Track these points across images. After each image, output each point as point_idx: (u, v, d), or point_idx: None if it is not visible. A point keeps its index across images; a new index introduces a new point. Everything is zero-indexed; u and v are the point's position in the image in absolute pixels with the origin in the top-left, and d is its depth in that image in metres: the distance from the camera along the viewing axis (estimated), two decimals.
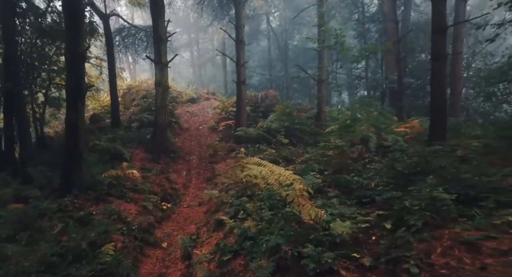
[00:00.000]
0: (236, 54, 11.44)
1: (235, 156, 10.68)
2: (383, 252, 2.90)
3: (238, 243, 4.26)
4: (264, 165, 3.74)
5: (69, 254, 4.26)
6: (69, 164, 6.49)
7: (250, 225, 4.58)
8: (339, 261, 2.92)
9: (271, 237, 3.42)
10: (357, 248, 3.19)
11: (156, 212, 7.24)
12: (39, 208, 5.80)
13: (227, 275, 3.73)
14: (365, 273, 2.72)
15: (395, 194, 4.29)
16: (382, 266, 2.73)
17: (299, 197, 3.44)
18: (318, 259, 2.78)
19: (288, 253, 3.00)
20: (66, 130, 6.44)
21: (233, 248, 4.22)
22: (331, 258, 2.80)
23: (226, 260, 3.96)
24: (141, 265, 5.32)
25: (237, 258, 4.08)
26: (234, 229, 4.93)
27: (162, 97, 9.73)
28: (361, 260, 2.90)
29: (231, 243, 4.52)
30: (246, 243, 4.02)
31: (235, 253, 4.11)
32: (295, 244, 3.17)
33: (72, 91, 6.19)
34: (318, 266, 2.75)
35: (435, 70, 7.79)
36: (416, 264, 2.59)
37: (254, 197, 6.20)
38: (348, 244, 3.29)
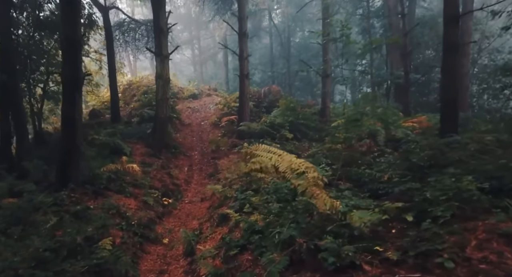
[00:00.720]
0: (239, 47, 11.14)
1: (238, 151, 10.38)
2: (410, 245, 2.59)
3: (245, 238, 3.97)
4: (274, 152, 3.44)
5: (63, 249, 3.96)
6: (66, 157, 6.20)
7: (257, 219, 4.28)
8: (360, 255, 2.62)
9: (282, 229, 3.11)
10: (378, 241, 2.89)
11: (157, 208, 6.95)
12: (34, 202, 5.50)
13: (234, 271, 3.43)
14: (391, 268, 2.42)
15: (413, 186, 3.99)
16: (410, 260, 2.43)
17: (313, 186, 3.14)
18: (338, 253, 2.49)
19: (303, 246, 2.71)
20: (63, 122, 6.15)
21: (239, 242, 3.92)
22: (351, 251, 2.50)
23: (232, 255, 3.67)
24: (141, 261, 5.03)
25: (244, 253, 3.78)
26: (240, 223, 4.63)
27: (163, 90, 9.43)
28: (384, 254, 2.60)
29: (237, 238, 4.23)
30: (254, 237, 3.73)
31: (242, 248, 3.82)
32: (310, 237, 2.87)
33: (69, 80, 5.90)
34: (338, 260, 2.45)
35: (447, 61, 7.47)
36: (451, 258, 2.28)
37: (260, 191, 5.92)
38: (368, 237, 2.99)
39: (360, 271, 2.37)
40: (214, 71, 32.56)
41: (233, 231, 4.66)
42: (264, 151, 3.48)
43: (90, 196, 6.30)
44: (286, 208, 4.34)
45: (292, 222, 3.41)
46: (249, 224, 4.15)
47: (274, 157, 3.32)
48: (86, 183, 6.50)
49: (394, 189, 4.09)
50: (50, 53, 11.59)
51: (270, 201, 5.07)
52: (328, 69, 13.42)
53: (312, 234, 3.06)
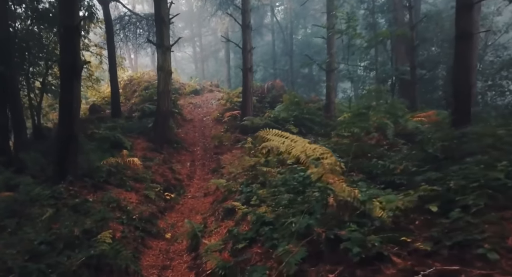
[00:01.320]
0: (243, 39, 10.87)
1: (241, 146, 10.12)
2: (442, 236, 2.33)
3: (254, 230, 3.71)
4: (286, 136, 3.18)
5: (59, 242, 3.71)
6: (64, 148, 5.94)
7: (266, 211, 4.03)
8: (386, 245, 2.36)
9: (298, 218, 2.85)
10: (403, 232, 2.63)
11: (159, 202, 6.70)
12: (30, 194, 5.26)
13: (243, 265, 3.17)
14: (423, 259, 2.16)
15: (433, 175, 3.72)
16: (444, 251, 2.17)
17: (330, 172, 2.88)
18: (363, 243, 2.22)
19: (321, 236, 2.45)
20: (60, 110, 5.90)
21: (247, 235, 3.67)
22: (378, 241, 2.23)
23: (240, 248, 3.41)
24: (142, 256, 4.78)
25: (253, 246, 3.53)
26: (247, 215, 4.38)
27: (165, 82, 9.17)
28: (413, 244, 2.34)
29: (244, 231, 3.97)
30: (264, 229, 3.47)
31: (251, 241, 3.56)
32: (327, 226, 2.62)
33: (67, 68, 5.63)
34: (364, 250, 2.19)
35: (460, 50, 7.18)
36: (493, 248, 2.02)
37: (266, 184, 5.67)
38: (391, 228, 2.73)
39: (388, 263, 2.12)
40: (215, 68, 32.28)
41: (240, 224, 4.40)
42: (276, 136, 3.22)
43: (89, 189, 6.05)
44: (296, 199, 4.09)
45: (305, 212, 3.15)
46: (257, 216, 3.90)
47: (287, 141, 3.06)
48: (85, 176, 6.25)
49: (414, 178, 3.81)
50: (49, 47, 11.35)
51: (278, 194, 4.83)
52: (333, 63, 13.15)
53: (329, 224, 2.81)
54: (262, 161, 7.03)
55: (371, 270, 2.09)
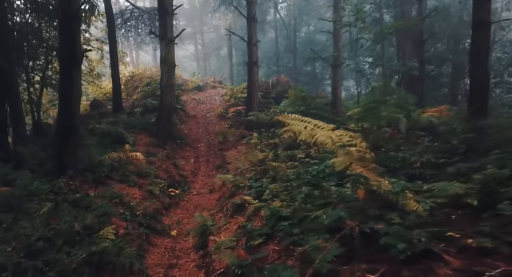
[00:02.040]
0: (248, 32, 10.56)
1: (246, 142, 9.84)
2: (497, 231, 2.02)
3: (269, 226, 3.41)
4: (307, 121, 2.88)
5: (58, 238, 3.42)
6: (63, 141, 5.65)
7: (282, 205, 3.73)
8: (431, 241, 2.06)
9: (326, 211, 2.55)
10: (446, 226, 2.32)
11: (163, 198, 6.41)
12: (28, 189, 4.97)
13: (259, 263, 2.87)
14: (480, 258, 1.86)
15: (467, 166, 3.42)
16: (504, 249, 1.86)
17: (359, 160, 2.59)
18: (409, 238, 1.92)
19: (355, 230, 2.15)
20: (60, 102, 5.61)
21: (262, 231, 3.37)
22: (425, 236, 1.93)
23: (256, 245, 3.11)
24: (147, 254, 4.48)
25: (269, 243, 3.23)
26: (260, 210, 4.09)
27: (168, 75, 8.87)
28: (462, 241, 2.04)
29: (258, 226, 3.68)
30: (281, 224, 3.17)
31: (267, 237, 3.27)
32: (358, 220, 2.32)
33: (66, 56, 5.33)
34: (409, 247, 1.89)
35: (477, 40, 6.85)
36: None
37: (277, 179, 5.37)
38: (429, 223, 2.43)
39: (440, 262, 1.81)
40: (217, 66, 31.93)
41: (252, 219, 4.11)
42: (296, 120, 2.92)
43: (90, 184, 5.76)
44: (313, 193, 3.78)
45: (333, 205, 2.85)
46: (272, 211, 3.60)
47: (309, 126, 2.76)
48: (86, 171, 5.96)
49: (444, 170, 3.50)
50: (49, 41, 11.07)
51: (291, 188, 4.54)
52: (340, 58, 12.83)
53: (357, 218, 2.51)
54: (271, 156, 6.73)
55: (420, 270, 1.79)
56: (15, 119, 8.87)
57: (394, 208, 2.58)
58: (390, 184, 2.68)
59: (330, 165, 4.89)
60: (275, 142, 8.63)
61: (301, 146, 7.44)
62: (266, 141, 8.76)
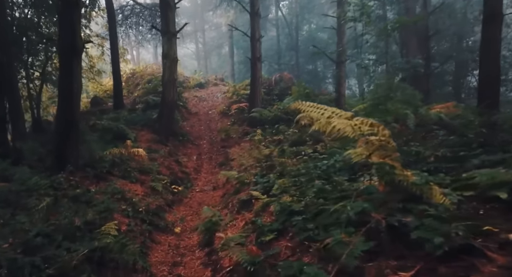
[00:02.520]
0: (251, 27, 10.38)
1: (250, 139, 9.66)
2: None
3: (280, 221, 3.24)
4: (324, 108, 2.71)
5: (58, 233, 3.24)
6: (63, 136, 5.47)
7: (292, 200, 3.56)
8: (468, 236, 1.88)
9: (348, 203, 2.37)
10: (482, 220, 2.14)
11: (166, 195, 6.23)
12: (27, 184, 4.79)
13: (272, 260, 2.70)
14: None
15: (491, 158, 3.24)
16: None
17: (382, 150, 2.41)
18: (447, 232, 1.74)
19: (381, 223, 1.97)
20: (60, 95, 5.43)
21: (273, 226, 3.19)
22: (462, 230, 1.75)
23: (268, 240, 2.94)
24: (151, 252, 4.31)
25: (281, 239, 3.05)
26: (268, 206, 3.91)
27: (170, 70, 8.69)
28: (501, 235, 1.86)
29: (268, 222, 3.50)
30: (294, 219, 2.99)
31: (278, 233, 3.09)
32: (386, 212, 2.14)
33: (66, 48, 5.15)
34: (446, 241, 1.70)
35: (488, 34, 6.69)
36: None
37: (284, 174, 5.19)
38: (460, 216, 2.25)
39: (483, 259, 1.63)
40: (218, 64, 31.74)
41: (260, 215, 3.93)
42: (312, 107, 2.75)
43: (91, 180, 5.58)
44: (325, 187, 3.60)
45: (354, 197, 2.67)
46: (282, 206, 3.42)
47: (327, 113, 2.58)
48: (87, 166, 5.78)
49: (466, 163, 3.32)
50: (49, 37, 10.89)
51: (300, 183, 4.36)
52: (344, 54, 12.65)
53: (380, 211, 2.33)
54: (277, 151, 6.56)
55: (461, 267, 1.60)
56: (14, 115, 8.69)
57: (418, 201, 2.40)
58: (413, 175, 2.50)
59: (340, 160, 4.74)
60: (280, 138, 8.46)
61: (308, 142, 7.27)
62: (270, 138, 8.59)
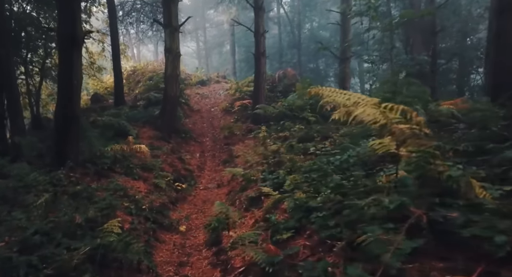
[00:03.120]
0: (255, 22, 10.17)
1: (254, 136, 9.43)
2: None
3: (295, 218, 3.01)
4: (347, 93, 2.49)
5: (58, 231, 3.02)
6: (63, 130, 5.24)
7: (307, 197, 3.33)
8: None
9: (382, 197, 2.14)
10: None
11: (170, 192, 6.01)
12: (25, 181, 4.58)
13: (289, 260, 2.47)
14: None
15: None
16: None
17: (415, 137, 2.19)
18: (509, 229, 1.52)
19: (422, 219, 1.75)
20: (59, 89, 5.20)
21: (289, 224, 2.97)
22: None
23: (285, 239, 2.72)
24: (155, 251, 4.08)
25: (297, 238, 2.83)
26: (281, 202, 3.69)
27: (173, 65, 8.46)
28: None
29: (281, 219, 3.28)
30: (313, 215, 2.77)
31: (295, 231, 2.87)
32: (426, 207, 1.92)
33: (65, 38, 4.92)
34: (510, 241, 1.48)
35: (501, 27, 6.48)
36: None
37: (293, 170, 4.98)
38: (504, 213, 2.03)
39: None
40: (220, 62, 31.50)
41: (271, 212, 3.70)
42: (334, 92, 2.53)
43: (92, 177, 5.37)
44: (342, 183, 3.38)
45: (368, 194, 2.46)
46: (297, 202, 3.20)
47: (353, 98, 2.36)
48: (87, 163, 5.56)
49: (502, 154, 3.09)
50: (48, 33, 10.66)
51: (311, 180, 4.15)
52: (348, 51, 12.44)
53: (416, 205, 2.10)
54: (285, 147, 6.34)
55: None
56: (13, 112, 8.46)
57: (454, 196, 2.18)
58: (448, 167, 2.28)
59: (353, 155, 4.52)
60: (285, 135, 8.24)
61: (315, 138, 7.05)
62: (276, 135, 8.36)
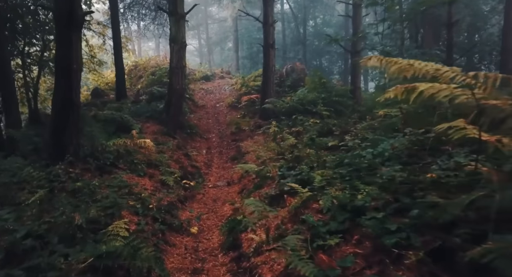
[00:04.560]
0: (263, 12, 9.66)
1: (263, 132, 8.95)
2: None
3: (339, 219, 2.52)
4: (426, 62, 2.00)
5: (54, 234, 2.53)
6: (62, 121, 4.74)
7: (346, 194, 2.84)
8: None
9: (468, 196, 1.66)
10: None
11: (178, 190, 5.51)
12: (18, 176, 4.09)
13: (346, 273, 1.98)
14: None
15: None
16: None
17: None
18: None
19: None
20: (57, 75, 4.70)
21: (331, 227, 2.47)
22: None
23: (332, 245, 2.22)
24: (165, 256, 3.59)
25: (342, 244, 2.33)
26: (312, 201, 3.20)
27: (178, 56, 7.97)
28: None
29: (320, 220, 2.78)
30: (366, 215, 2.28)
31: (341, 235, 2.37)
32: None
33: (63, 17, 4.43)
34: None
35: None
36: None
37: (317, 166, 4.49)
38: None
39: None
40: (222, 58, 30.97)
41: (300, 213, 3.21)
42: (402, 62, 2.04)
43: (93, 172, 4.88)
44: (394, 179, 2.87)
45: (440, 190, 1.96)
46: (337, 201, 2.71)
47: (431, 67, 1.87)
48: (88, 157, 5.07)
49: None
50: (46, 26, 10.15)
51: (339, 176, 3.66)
52: (359, 44, 11.93)
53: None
54: (304, 141, 5.84)
55: None
56: (8, 105, 7.97)
57: None
58: None
59: (387, 148, 4.03)
60: (299, 130, 7.74)
61: (334, 132, 6.56)
62: (288, 130, 7.86)
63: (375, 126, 6.27)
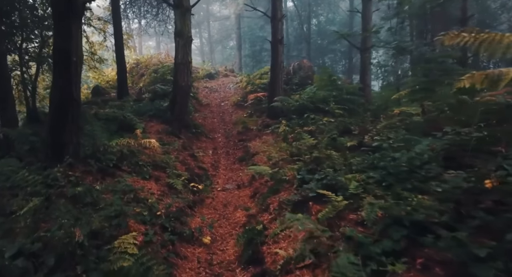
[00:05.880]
0: (272, 6, 9.23)
1: (272, 131, 8.53)
2: None
3: (395, 237, 2.09)
4: None
5: (50, 253, 2.11)
6: (60, 118, 4.32)
7: (390, 202, 2.42)
8: None
9: None
10: None
11: (187, 194, 5.09)
12: (12, 180, 3.67)
13: None
14: None
15: None
16: None
17: None
18: None
19: None
20: (55, 68, 4.27)
21: (385, 245, 2.05)
22: None
23: (393, 272, 1.79)
24: (177, 271, 3.17)
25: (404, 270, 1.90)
26: (348, 210, 2.78)
27: (184, 51, 7.53)
28: None
29: (363, 235, 2.36)
30: (432, 234, 1.86)
31: (394, 256, 1.95)
32: None
33: (61, 4, 4.01)
34: None
35: None
36: None
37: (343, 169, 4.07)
38: None
39: None
40: (224, 57, 30.51)
41: (335, 225, 2.79)
42: None
43: (95, 175, 4.44)
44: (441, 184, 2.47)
45: None
46: (386, 212, 2.29)
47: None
48: (89, 158, 4.65)
49: None
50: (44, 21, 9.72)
51: (372, 180, 3.25)
52: (369, 40, 11.51)
53: None
54: (325, 141, 5.42)
55: None
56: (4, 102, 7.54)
57: None
58: None
59: (426, 149, 3.61)
60: (311, 129, 7.32)
61: (353, 132, 6.15)
62: (299, 129, 7.44)
63: (397, 125, 5.85)
